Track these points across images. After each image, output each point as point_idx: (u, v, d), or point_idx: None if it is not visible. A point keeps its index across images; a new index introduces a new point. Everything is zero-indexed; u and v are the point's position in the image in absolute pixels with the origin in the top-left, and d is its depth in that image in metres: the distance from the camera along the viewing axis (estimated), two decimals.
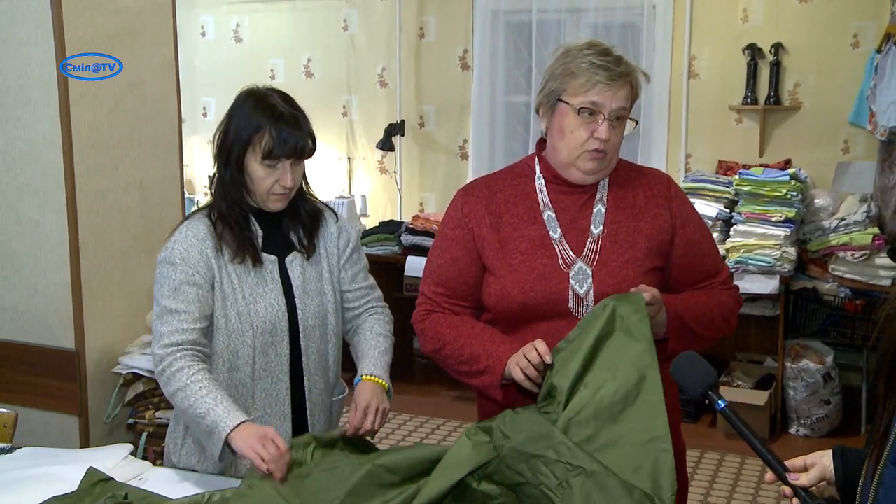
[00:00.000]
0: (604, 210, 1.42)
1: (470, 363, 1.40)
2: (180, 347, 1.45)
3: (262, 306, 1.51)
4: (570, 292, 1.37)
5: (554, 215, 1.42)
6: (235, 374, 1.51)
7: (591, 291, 1.36)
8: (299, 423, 1.58)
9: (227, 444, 1.36)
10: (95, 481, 1.39)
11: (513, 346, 1.37)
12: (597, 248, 1.39)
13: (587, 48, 1.38)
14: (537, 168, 1.46)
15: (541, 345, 1.30)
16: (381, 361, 1.59)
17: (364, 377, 1.55)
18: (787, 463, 1.07)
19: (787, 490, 1.04)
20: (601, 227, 1.40)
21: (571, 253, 1.39)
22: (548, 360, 1.29)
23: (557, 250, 1.39)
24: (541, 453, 1.23)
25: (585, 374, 1.26)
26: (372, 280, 1.68)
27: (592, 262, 1.38)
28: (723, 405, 1.10)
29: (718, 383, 1.20)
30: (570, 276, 1.38)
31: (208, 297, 1.49)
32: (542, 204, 1.43)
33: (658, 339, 1.35)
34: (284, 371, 1.54)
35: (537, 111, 1.44)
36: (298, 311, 1.55)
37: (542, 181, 1.44)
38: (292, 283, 1.56)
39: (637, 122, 1.43)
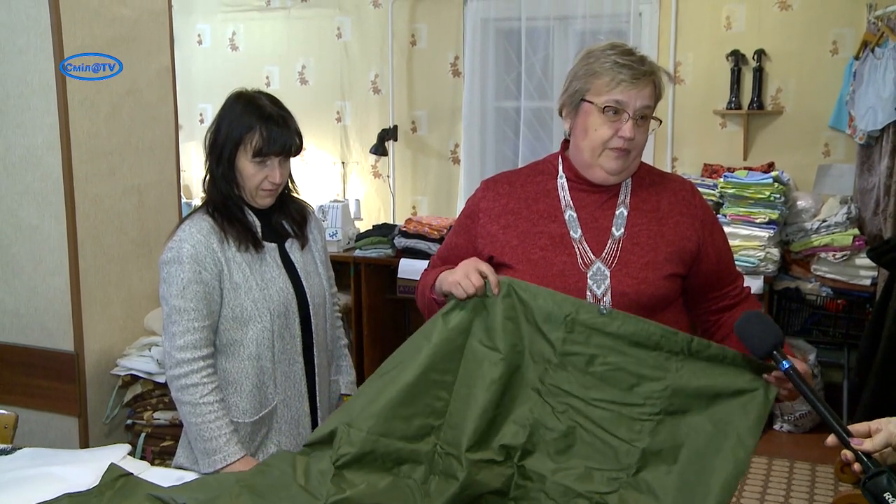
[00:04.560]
0: (626, 213, 1.41)
1: (422, 293, 1.48)
2: (196, 356, 1.52)
3: (274, 291, 1.58)
4: (588, 292, 1.36)
5: (575, 215, 1.41)
6: (258, 362, 1.57)
7: (609, 292, 1.36)
8: (311, 403, 1.66)
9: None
10: (116, 476, 1.41)
11: (448, 267, 1.41)
12: (617, 249, 1.38)
13: (610, 48, 1.37)
14: (560, 167, 1.45)
15: (483, 266, 1.33)
16: (352, 376, 1.81)
17: (346, 397, 1.77)
18: (851, 428, 1.05)
19: (850, 455, 1.02)
20: (622, 230, 1.39)
21: (591, 253, 1.38)
22: (496, 292, 1.32)
23: (577, 250, 1.39)
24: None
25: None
26: (336, 287, 1.79)
27: (611, 263, 1.38)
28: (787, 366, 1.08)
29: (783, 343, 1.17)
30: (588, 276, 1.37)
31: (214, 295, 1.54)
32: (563, 203, 1.42)
33: None
34: (298, 352, 1.61)
35: (560, 113, 1.45)
36: (306, 290, 1.63)
37: (564, 180, 1.44)
38: (295, 265, 1.64)
39: (661, 122, 1.43)
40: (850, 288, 3.26)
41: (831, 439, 1.06)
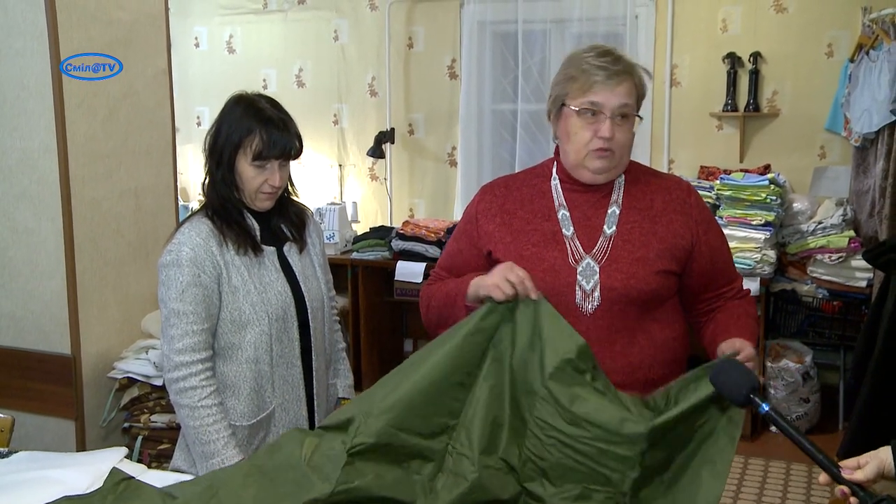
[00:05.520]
0: (618, 211, 1.43)
1: (446, 303, 1.45)
2: (194, 359, 1.51)
3: (272, 294, 1.58)
4: (577, 287, 1.38)
5: (568, 214, 1.44)
6: (256, 365, 1.57)
7: (598, 287, 1.38)
8: (309, 407, 1.66)
9: None
10: (119, 480, 1.41)
11: (474, 275, 1.41)
12: (608, 246, 1.40)
13: (588, 51, 1.41)
14: (554, 169, 1.49)
15: (519, 270, 1.31)
16: (350, 380, 1.81)
17: (344, 401, 1.77)
18: (840, 463, 1.04)
19: (846, 489, 1.00)
20: (614, 228, 1.42)
21: (581, 249, 1.41)
22: (533, 296, 1.30)
23: (568, 246, 1.41)
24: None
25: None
26: (334, 291, 1.79)
27: (602, 259, 1.40)
28: (766, 408, 1.08)
29: (760, 387, 1.15)
30: (578, 271, 1.39)
31: (213, 298, 1.54)
32: (556, 203, 1.46)
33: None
34: (296, 356, 1.62)
35: (549, 118, 1.48)
36: (305, 294, 1.63)
37: (558, 181, 1.47)
38: (294, 269, 1.64)
39: (642, 119, 1.44)
40: (845, 290, 3.27)
41: (823, 477, 1.04)
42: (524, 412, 1.31)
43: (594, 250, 1.40)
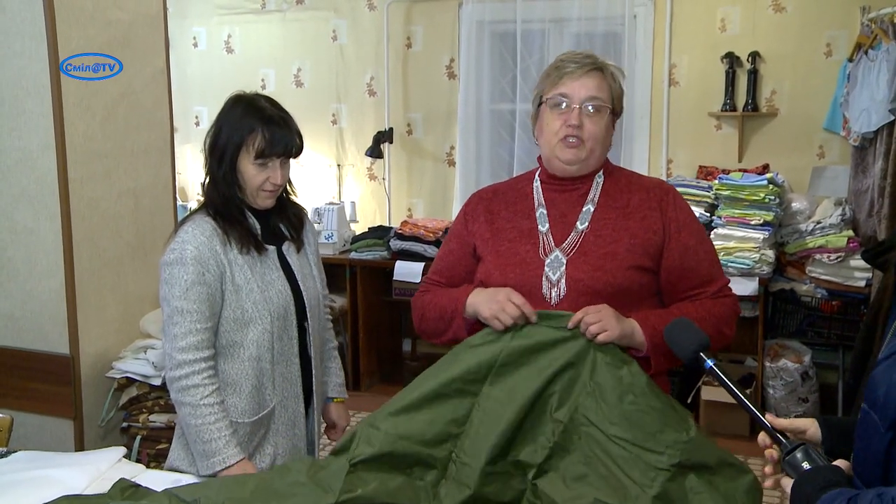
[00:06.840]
0: (592, 209, 1.48)
1: (442, 316, 1.51)
2: (197, 357, 1.52)
3: (273, 293, 1.59)
4: (544, 278, 1.43)
5: (545, 212, 1.50)
6: (258, 363, 1.58)
7: (564, 278, 1.42)
8: (306, 404, 1.68)
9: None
10: (125, 486, 1.41)
11: (468, 288, 1.49)
12: (578, 240, 1.45)
13: (567, 53, 1.51)
14: (538, 173, 1.57)
15: (516, 297, 1.38)
16: (342, 378, 1.82)
17: (336, 399, 1.80)
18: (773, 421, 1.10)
19: (769, 440, 1.08)
20: (587, 224, 1.47)
21: (553, 243, 1.46)
22: (533, 319, 1.37)
23: (541, 241, 1.47)
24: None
25: None
26: (328, 289, 1.81)
27: (570, 252, 1.44)
28: (710, 364, 1.18)
29: (709, 345, 1.22)
30: (546, 263, 1.44)
31: (216, 296, 1.55)
32: (536, 202, 1.52)
33: (640, 357, 1.38)
34: (295, 353, 1.63)
35: (531, 120, 1.56)
36: (303, 293, 1.64)
37: (539, 182, 1.55)
38: (292, 268, 1.65)
39: (617, 115, 1.49)
40: (844, 289, 3.27)
41: (762, 436, 1.10)
42: (562, 410, 1.32)
43: (564, 244, 1.45)
